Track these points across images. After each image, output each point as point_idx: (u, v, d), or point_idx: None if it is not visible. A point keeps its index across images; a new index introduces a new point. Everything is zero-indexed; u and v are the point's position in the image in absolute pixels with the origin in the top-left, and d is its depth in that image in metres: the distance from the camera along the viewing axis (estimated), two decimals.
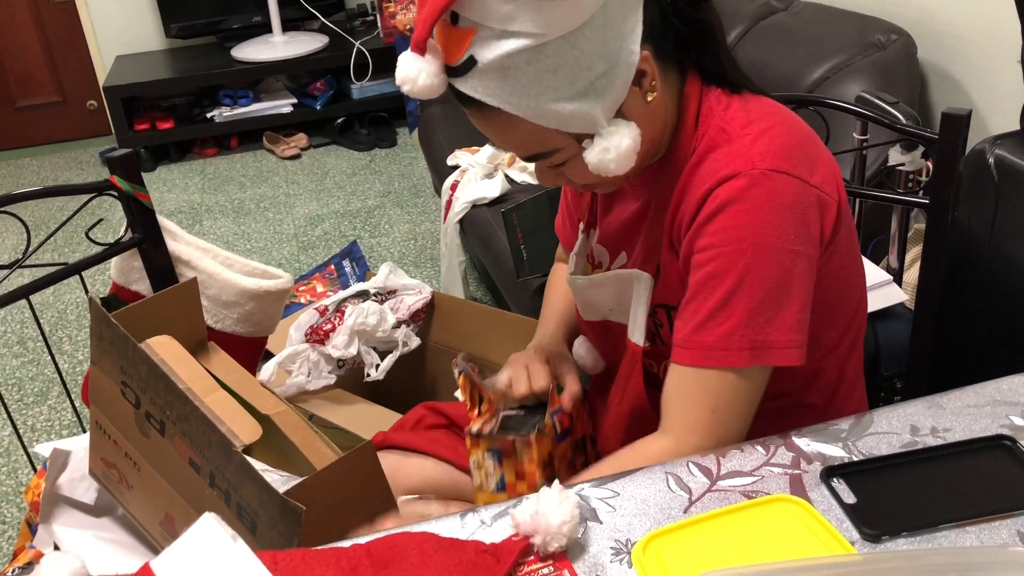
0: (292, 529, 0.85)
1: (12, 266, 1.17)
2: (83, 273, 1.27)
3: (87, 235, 1.27)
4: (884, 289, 1.44)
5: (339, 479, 0.94)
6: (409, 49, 0.87)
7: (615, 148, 0.88)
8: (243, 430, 0.96)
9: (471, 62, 0.84)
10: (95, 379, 1.03)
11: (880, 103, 1.52)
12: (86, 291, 1.35)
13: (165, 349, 1.03)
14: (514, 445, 1.07)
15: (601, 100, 0.87)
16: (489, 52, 0.83)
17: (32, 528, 1.15)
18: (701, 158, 0.92)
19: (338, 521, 0.93)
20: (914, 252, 1.68)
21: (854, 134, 1.59)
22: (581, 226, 1.16)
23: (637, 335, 1.03)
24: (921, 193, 1.29)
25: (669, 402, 0.95)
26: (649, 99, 0.91)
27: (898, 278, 1.55)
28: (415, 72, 0.87)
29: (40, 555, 1.10)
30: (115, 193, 1.27)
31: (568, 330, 1.24)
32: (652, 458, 0.91)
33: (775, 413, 0.99)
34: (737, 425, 0.93)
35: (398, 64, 0.88)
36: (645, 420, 1.08)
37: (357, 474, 0.96)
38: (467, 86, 0.86)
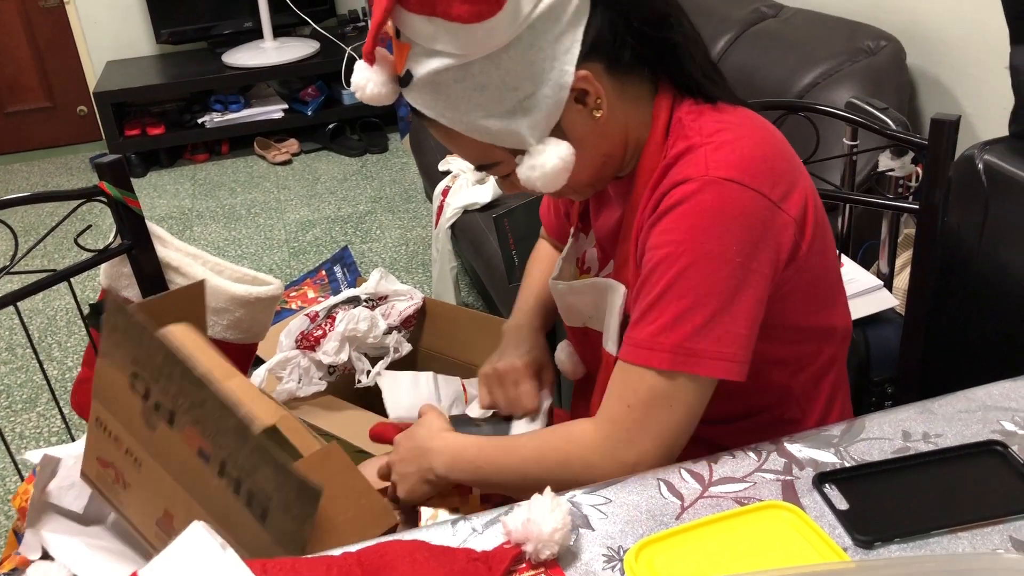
0: (307, 510, 0.84)
1: (0, 272, 1.17)
2: (72, 279, 1.26)
3: (76, 241, 1.27)
4: (874, 294, 1.44)
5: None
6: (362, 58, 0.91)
7: (540, 167, 0.90)
8: (262, 412, 0.96)
9: (409, 75, 0.88)
10: (101, 373, 1.03)
11: (870, 109, 1.52)
12: (75, 298, 1.34)
13: (184, 336, 1.04)
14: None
15: (529, 119, 0.89)
16: (421, 68, 0.87)
17: (19, 536, 1.14)
18: (667, 168, 0.92)
19: (326, 521, 0.93)
20: (904, 257, 1.68)
21: (844, 140, 1.60)
22: (572, 231, 1.16)
23: (611, 344, 1.02)
24: (911, 198, 1.30)
25: (606, 391, 0.94)
26: (597, 116, 0.92)
27: (888, 283, 1.55)
28: (363, 81, 0.91)
29: (26, 562, 1.09)
30: (104, 199, 1.26)
31: (547, 316, 1.26)
32: (574, 438, 0.93)
33: (757, 429, 0.99)
34: (654, 429, 0.89)
35: (354, 71, 0.92)
36: None
37: (328, 475, 0.95)
38: (410, 97, 0.91)
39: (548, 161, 0.90)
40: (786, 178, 0.91)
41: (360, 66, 0.91)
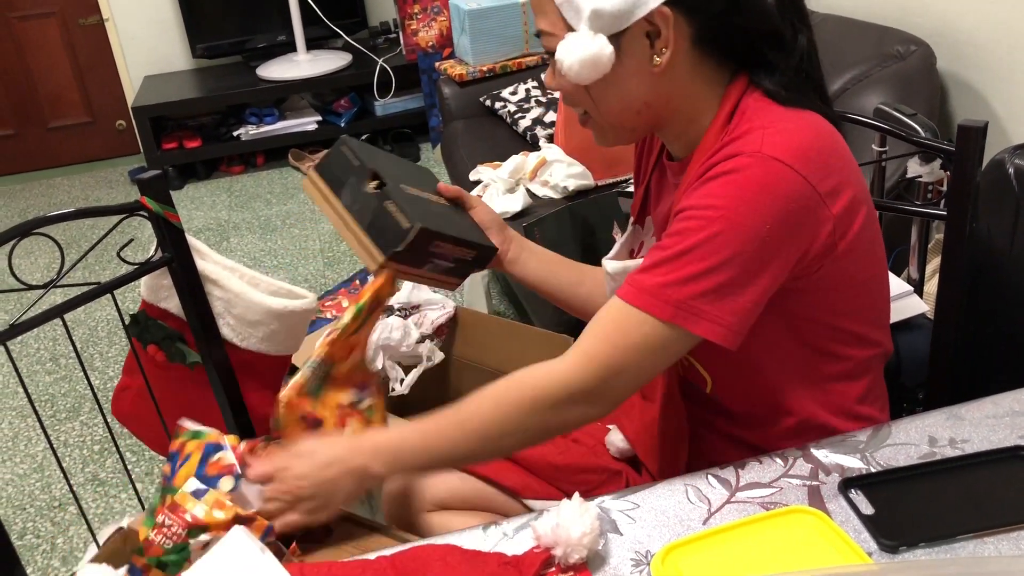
0: None
1: (47, 286, 1.20)
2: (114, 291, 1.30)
3: (119, 255, 1.30)
4: (905, 300, 1.44)
5: None
6: None
7: (575, 49, 0.90)
8: None
9: None
10: None
11: (898, 115, 1.52)
12: (118, 310, 1.38)
13: None
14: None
15: (597, 5, 0.89)
16: None
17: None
18: (722, 147, 0.92)
19: None
20: (935, 263, 1.67)
21: (873, 146, 1.60)
22: (630, 221, 1.17)
23: None
24: (941, 204, 1.29)
25: (586, 329, 0.94)
26: (655, 62, 0.92)
27: (919, 289, 1.55)
28: None
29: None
30: (145, 214, 1.29)
31: (541, 261, 1.28)
32: (540, 378, 0.92)
33: (801, 433, 0.99)
34: (629, 373, 0.91)
35: None
36: (677, 417, 1.09)
37: None
38: None
39: (586, 49, 0.90)
40: (837, 176, 0.91)
41: None
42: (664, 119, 0.99)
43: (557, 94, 2.22)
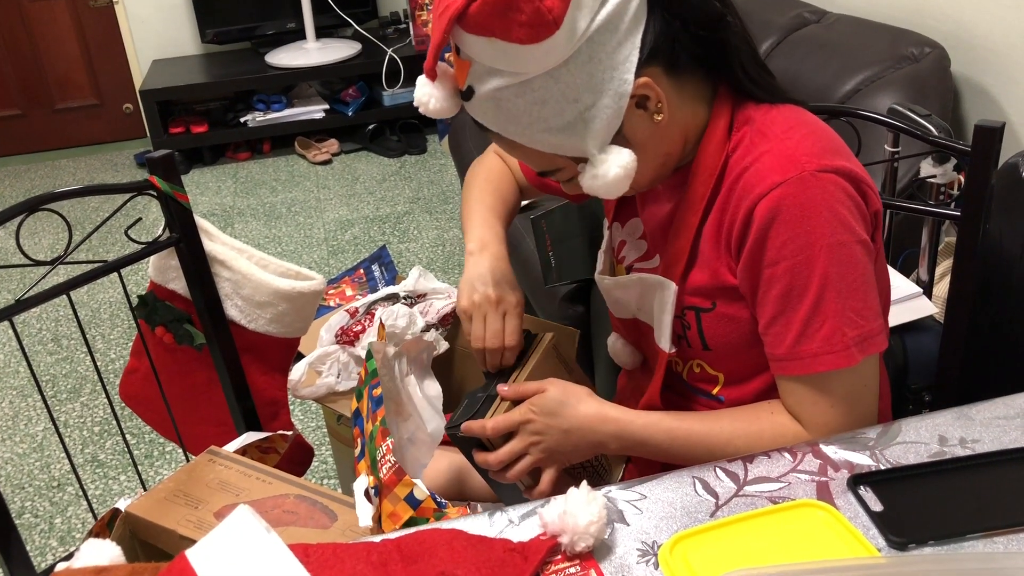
0: None
1: (55, 262, 1.20)
2: (120, 271, 1.29)
3: (126, 233, 1.30)
4: (913, 302, 1.43)
5: None
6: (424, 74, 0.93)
7: (602, 176, 0.91)
8: None
9: (471, 90, 0.90)
10: None
11: (912, 115, 1.52)
12: (124, 289, 1.38)
13: None
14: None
15: (590, 129, 0.90)
16: (482, 85, 0.89)
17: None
18: (743, 166, 0.93)
19: None
20: (944, 265, 1.67)
21: (886, 146, 1.59)
22: (605, 223, 1.17)
23: (664, 341, 1.04)
24: (953, 206, 1.29)
25: (796, 410, 0.96)
26: (658, 119, 0.93)
27: (928, 291, 1.54)
28: (426, 97, 0.93)
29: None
30: (154, 193, 1.29)
31: (506, 228, 1.20)
32: (788, 441, 0.94)
33: None
34: (868, 408, 0.95)
35: (416, 86, 0.94)
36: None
37: None
38: (472, 110, 0.93)
39: (610, 170, 0.90)
40: (857, 162, 0.95)
41: (422, 81, 0.93)
42: (684, 148, 1.00)
43: None
